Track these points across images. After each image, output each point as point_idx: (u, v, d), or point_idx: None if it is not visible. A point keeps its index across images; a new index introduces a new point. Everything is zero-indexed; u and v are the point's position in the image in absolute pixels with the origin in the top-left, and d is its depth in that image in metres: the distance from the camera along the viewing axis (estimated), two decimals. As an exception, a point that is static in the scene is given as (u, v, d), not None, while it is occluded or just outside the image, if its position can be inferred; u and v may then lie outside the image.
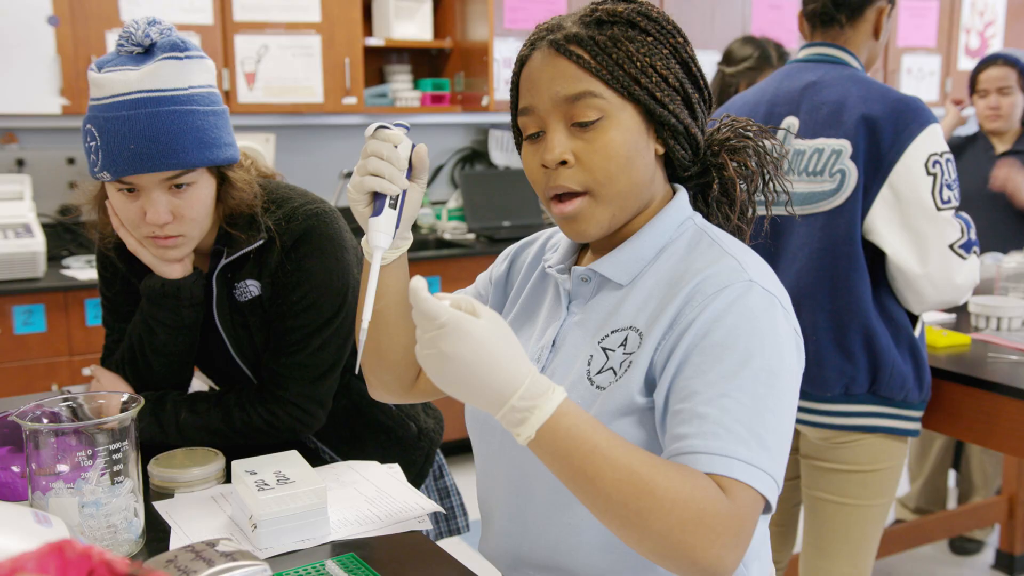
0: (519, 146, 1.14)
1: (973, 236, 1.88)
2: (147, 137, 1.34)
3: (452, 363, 0.87)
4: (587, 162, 1.04)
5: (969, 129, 3.34)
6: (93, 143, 1.39)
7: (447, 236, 4.17)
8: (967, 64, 5.30)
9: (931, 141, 1.81)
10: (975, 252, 1.87)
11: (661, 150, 1.10)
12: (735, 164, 1.14)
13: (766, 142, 1.16)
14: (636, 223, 1.11)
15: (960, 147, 3.22)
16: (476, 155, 4.52)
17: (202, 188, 1.43)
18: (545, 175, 1.07)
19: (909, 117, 1.81)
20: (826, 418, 1.93)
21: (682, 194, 1.13)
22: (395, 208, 1.07)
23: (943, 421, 2.08)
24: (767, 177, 1.16)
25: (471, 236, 4.17)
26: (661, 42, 1.06)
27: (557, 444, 0.89)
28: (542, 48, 1.07)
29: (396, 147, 1.06)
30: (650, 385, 1.03)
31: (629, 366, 1.03)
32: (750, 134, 1.15)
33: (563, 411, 0.90)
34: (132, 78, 1.36)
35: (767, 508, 0.97)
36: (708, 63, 4.58)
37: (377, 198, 1.08)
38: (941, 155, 1.81)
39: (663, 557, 0.90)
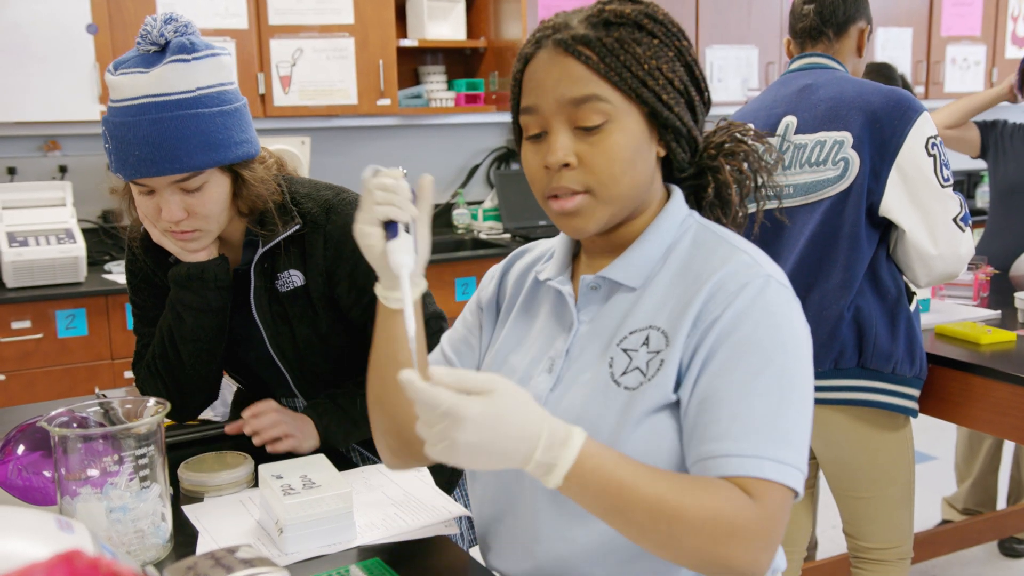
0: (518, 143, 1.13)
1: (967, 210, 1.99)
2: (151, 143, 1.37)
3: (467, 449, 0.87)
4: (590, 164, 1.04)
5: (1021, 117, 3.24)
6: (107, 145, 1.43)
7: (483, 236, 4.16)
8: (1014, 53, 5.17)
9: (927, 126, 1.94)
10: (970, 225, 1.99)
11: (662, 152, 1.11)
12: (730, 168, 1.15)
13: (759, 146, 1.17)
14: (638, 225, 1.12)
15: (1011, 135, 3.14)
16: (511, 155, 4.50)
17: (214, 187, 1.45)
18: (547, 175, 1.06)
19: (905, 106, 1.95)
20: (818, 393, 2.01)
21: (678, 193, 1.14)
22: (409, 233, 1.06)
23: (989, 420, 2.03)
24: (760, 182, 1.17)
25: (507, 236, 4.16)
26: (667, 44, 1.06)
27: (585, 485, 0.92)
28: (547, 47, 1.06)
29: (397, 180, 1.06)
30: (679, 381, 1.04)
31: (661, 364, 1.03)
32: (746, 138, 1.16)
33: (586, 453, 0.92)
34: (141, 82, 1.38)
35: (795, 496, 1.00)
36: (745, 58, 4.53)
37: (388, 229, 1.06)
38: (936, 138, 1.95)
39: (701, 569, 0.96)
